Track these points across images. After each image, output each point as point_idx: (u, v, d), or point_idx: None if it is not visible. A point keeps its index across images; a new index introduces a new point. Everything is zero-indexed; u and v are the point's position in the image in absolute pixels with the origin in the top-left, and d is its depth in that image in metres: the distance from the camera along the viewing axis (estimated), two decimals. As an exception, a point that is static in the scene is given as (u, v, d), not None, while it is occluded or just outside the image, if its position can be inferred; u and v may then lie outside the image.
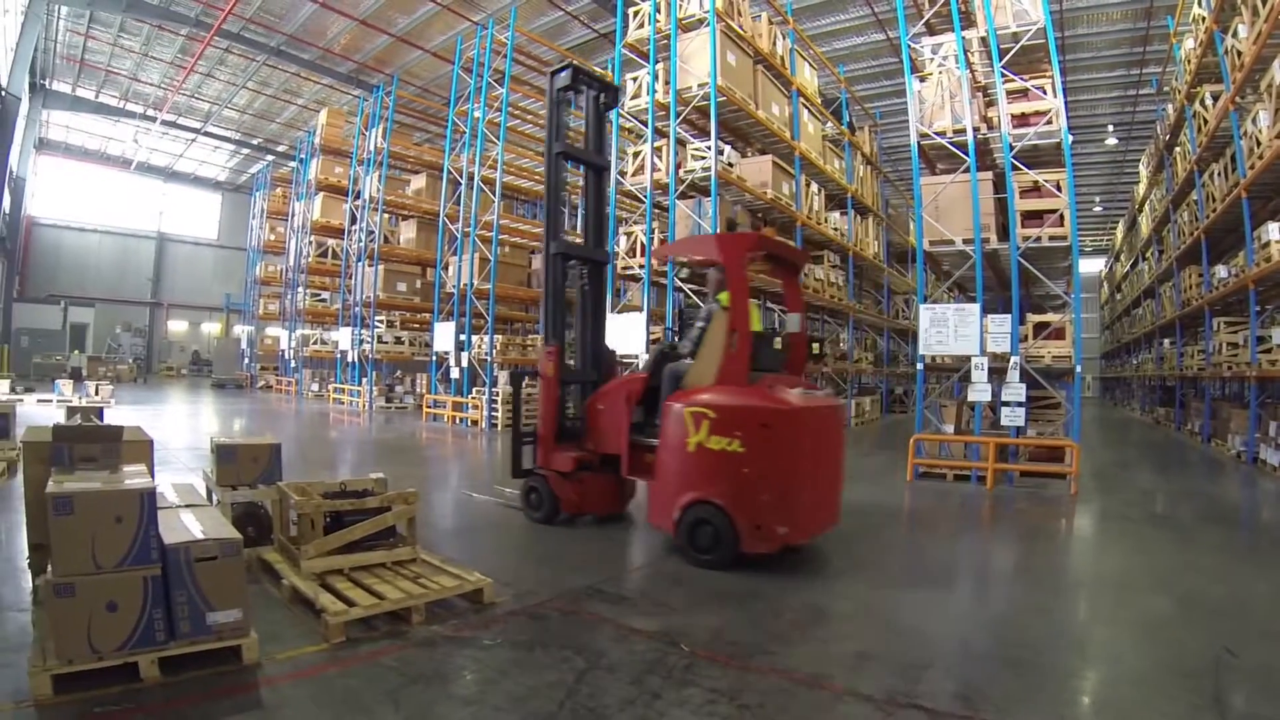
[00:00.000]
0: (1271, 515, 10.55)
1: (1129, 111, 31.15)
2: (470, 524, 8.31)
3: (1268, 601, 6.19)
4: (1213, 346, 17.28)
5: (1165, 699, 4.22)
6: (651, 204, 15.22)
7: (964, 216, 11.87)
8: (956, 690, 4.16)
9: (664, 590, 6.01)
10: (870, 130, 24.93)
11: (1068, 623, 5.62)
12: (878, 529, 8.69)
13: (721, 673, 4.28)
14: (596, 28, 24.02)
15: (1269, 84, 12.83)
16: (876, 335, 28.15)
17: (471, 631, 4.80)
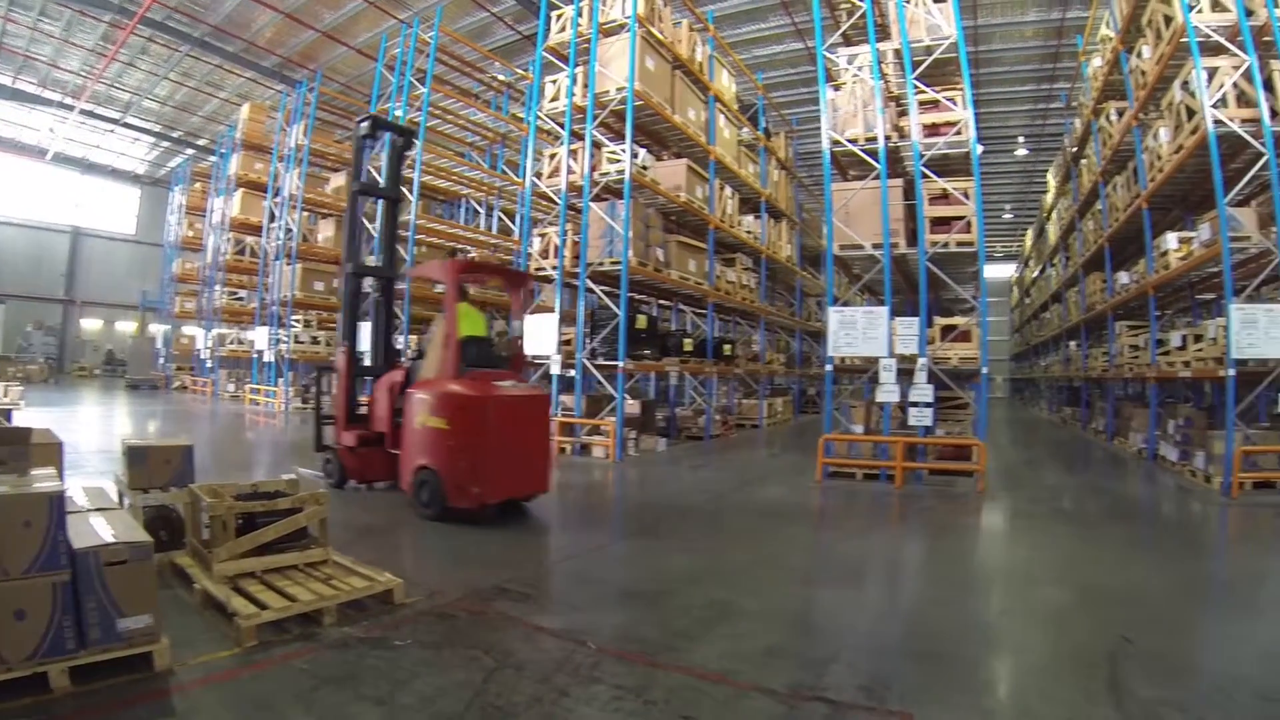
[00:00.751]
0: (1170, 509, 11.00)
1: (1039, 124, 32.31)
2: (382, 525, 8.23)
3: (1164, 591, 6.49)
4: (1115, 349, 18.06)
5: (1064, 686, 4.39)
6: (566, 206, 15.20)
7: (874, 222, 12.13)
8: (861, 683, 4.25)
9: (572, 589, 6.11)
10: (786, 136, 25.31)
11: (972, 615, 5.76)
12: (786, 528, 8.85)
13: (628, 670, 4.33)
14: (521, 30, 23.96)
15: (1169, 102, 13.46)
16: (789, 337, 28.47)
17: (382, 632, 4.79)
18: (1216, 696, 4.22)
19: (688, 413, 18.93)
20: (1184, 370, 13.69)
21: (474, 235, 24.52)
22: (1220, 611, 6.19)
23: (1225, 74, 11.86)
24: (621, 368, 13.90)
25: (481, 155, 26.41)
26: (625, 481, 12.09)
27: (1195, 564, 7.78)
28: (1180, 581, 6.90)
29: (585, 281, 14.48)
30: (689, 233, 17.63)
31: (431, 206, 26.39)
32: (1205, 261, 13.26)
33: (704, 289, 17.22)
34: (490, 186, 25.12)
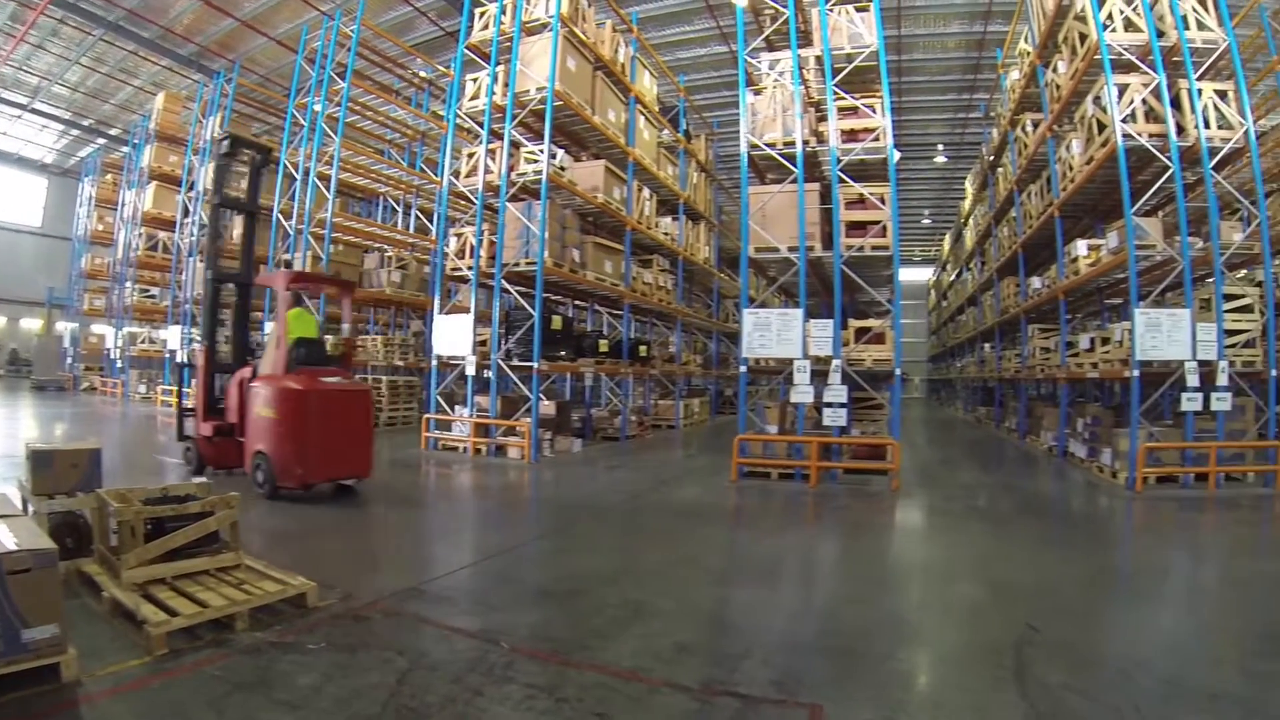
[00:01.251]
0: (1078, 504, 11.31)
1: (958, 133, 33.08)
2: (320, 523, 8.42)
3: (1070, 583, 6.65)
4: (1028, 351, 18.55)
5: (972, 675, 4.53)
6: (483, 206, 14.99)
7: (790, 225, 12.21)
8: (773, 677, 4.31)
9: (487, 589, 6.10)
10: (707, 139, 25.41)
11: (884, 611, 5.83)
12: (701, 528, 8.86)
13: (541, 669, 4.34)
14: (444, 26, 23.63)
15: (1082, 115, 13.96)
16: (706, 338, 28.60)
17: (296, 636, 4.72)
18: (1118, 681, 4.35)
19: (604, 414, 18.91)
20: (1092, 371, 14.14)
21: (391, 234, 24.12)
22: (1124, 601, 6.38)
23: (1135, 91, 12.38)
24: (536, 369, 13.76)
25: (401, 153, 26.01)
26: (540, 483, 12.00)
27: (1101, 556, 8.02)
28: (1086, 573, 7.07)
29: (501, 282, 14.33)
30: (606, 234, 17.55)
31: (350, 204, 25.89)
32: (1113, 268, 13.69)
33: (620, 290, 17.16)
34: (408, 185, 24.76)
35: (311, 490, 9.30)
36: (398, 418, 19.94)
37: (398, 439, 16.91)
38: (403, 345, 23.56)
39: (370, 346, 22.45)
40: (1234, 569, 7.74)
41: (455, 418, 14.90)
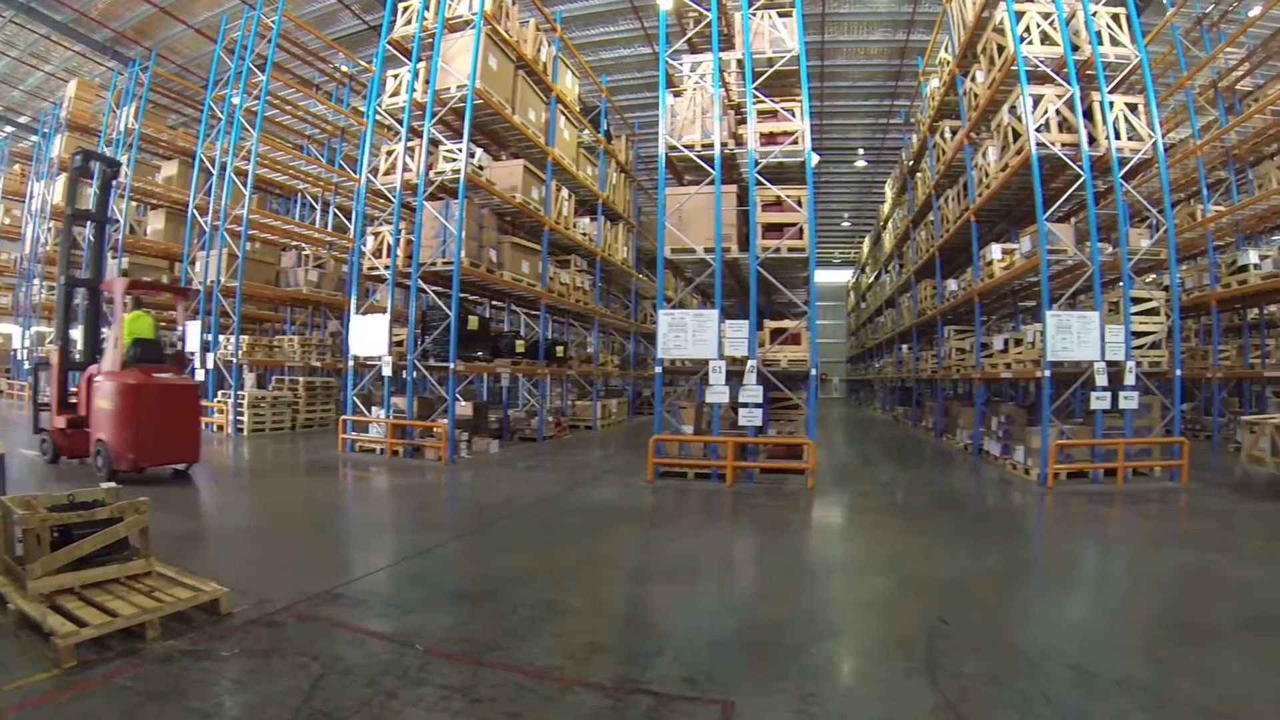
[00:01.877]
0: (992, 500, 11.54)
1: (879, 138, 33.76)
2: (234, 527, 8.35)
3: (982, 575, 6.81)
4: (944, 352, 18.90)
5: (883, 667, 4.62)
6: (400, 204, 14.74)
7: (707, 226, 12.22)
8: (685, 674, 4.33)
9: (402, 591, 6.06)
10: (627, 139, 25.39)
11: (797, 607, 5.87)
12: (616, 528, 8.87)
13: (455, 670, 4.32)
14: (367, 20, 23.26)
15: (998, 124, 14.25)
16: (624, 339, 28.58)
17: (208, 644, 4.62)
18: (1026, 668, 4.46)
19: (521, 414, 18.76)
20: (1006, 371, 14.43)
21: (308, 231, 23.66)
22: (1034, 592, 6.59)
23: (1050, 101, 12.73)
24: (452, 369, 13.57)
25: (320, 149, 25.44)
26: (457, 484, 11.87)
27: (1012, 550, 8.17)
28: (998, 566, 7.23)
29: (417, 282, 14.12)
30: (524, 234, 17.44)
31: (267, 201, 25.27)
32: (1026, 271, 13.99)
33: (537, 290, 17.03)
34: (327, 182, 24.32)
35: (144, 473, 10.30)
36: (315, 419, 19.58)
37: (315, 441, 16.66)
38: (320, 346, 23.02)
39: (286, 347, 21.92)
40: (1140, 559, 7.98)
41: (372, 419, 14.62)
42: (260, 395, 18.26)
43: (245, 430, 17.26)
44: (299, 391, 19.37)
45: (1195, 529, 9.12)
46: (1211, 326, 19.18)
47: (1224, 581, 6.64)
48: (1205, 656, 4.69)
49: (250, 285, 18.97)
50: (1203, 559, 7.52)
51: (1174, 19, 20.13)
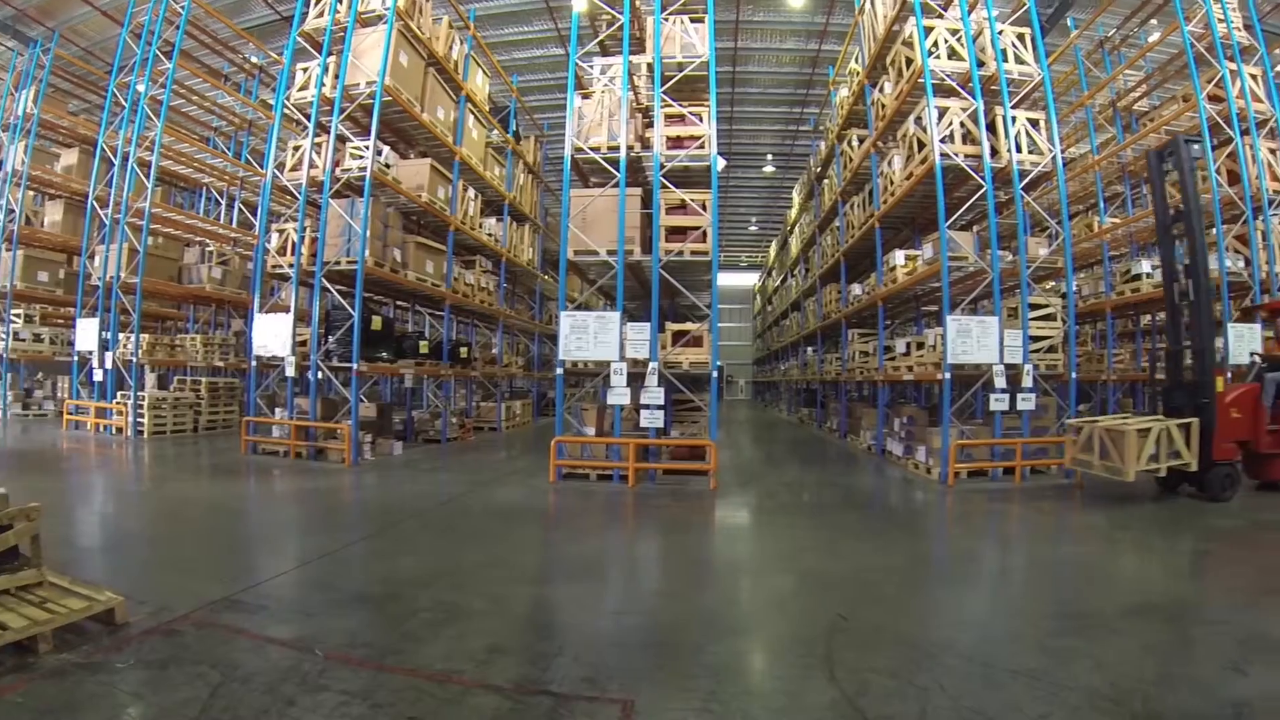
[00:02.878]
0: (894, 498, 11.77)
1: (788, 144, 34.35)
2: (132, 533, 8.24)
3: (883, 572, 6.94)
4: (848, 354, 19.28)
5: (783, 663, 4.73)
6: (306, 201, 14.47)
7: (610, 228, 12.25)
8: (585, 674, 4.36)
9: (302, 596, 5.97)
10: (537, 140, 25.26)
11: (699, 606, 5.92)
12: (518, 529, 8.85)
13: (355, 675, 4.29)
14: (280, 10, 22.64)
15: (904, 134, 14.60)
16: (529, 340, 28.49)
17: (104, 655, 4.48)
18: (924, 661, 4.58)
19: (426, 416, 18.56)
20: (908, 374, 14.79)
21: (213, 227, 22.96)
22: (932, 587, 6.74)
23: (955, 114, 13.13)
24: (356, 370, 13.38)
25: (226, 142, 24.75)
26: (360, 486, 11.71)
27: (912, 546, 8.35)
28: (897, 563, 7.38)
29: (321, 281, 13.85)
30: (429, 233, 17.30)
31: (171, 194, 24.47)
32: (928, 277, 14.34)
33: (442, 291, 16.86)
34: (233, 176, 23.59)
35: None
36: (218, 421, 19.07)
37: (218, 443, 16.25)
38: (223, 345, 22.46)
39: (189, 346, 21.29)
40: (1034, 554, 8.27)
41: (275, 420, 14.30)
42: (161, 396, 17.73)
43: (146, 433, 16.74)
44: (201, 392, 18.83)
45: (1086, 523, 9.44)
46: (1106, 331, 19.94)
47: (1111, 573, 7.02)
48: (1095, 645, 4.88)
49: (151, 282, 18.36)
50: (1092, 552, 7.94)
51: (1077, 41, 20.98)
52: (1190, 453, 10.09)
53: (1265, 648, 4.84)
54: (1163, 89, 20.31)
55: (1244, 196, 14.87)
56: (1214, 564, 7.72)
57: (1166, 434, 10.01)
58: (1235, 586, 6.55)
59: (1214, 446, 10.27)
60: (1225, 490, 10.28)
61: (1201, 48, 15.44)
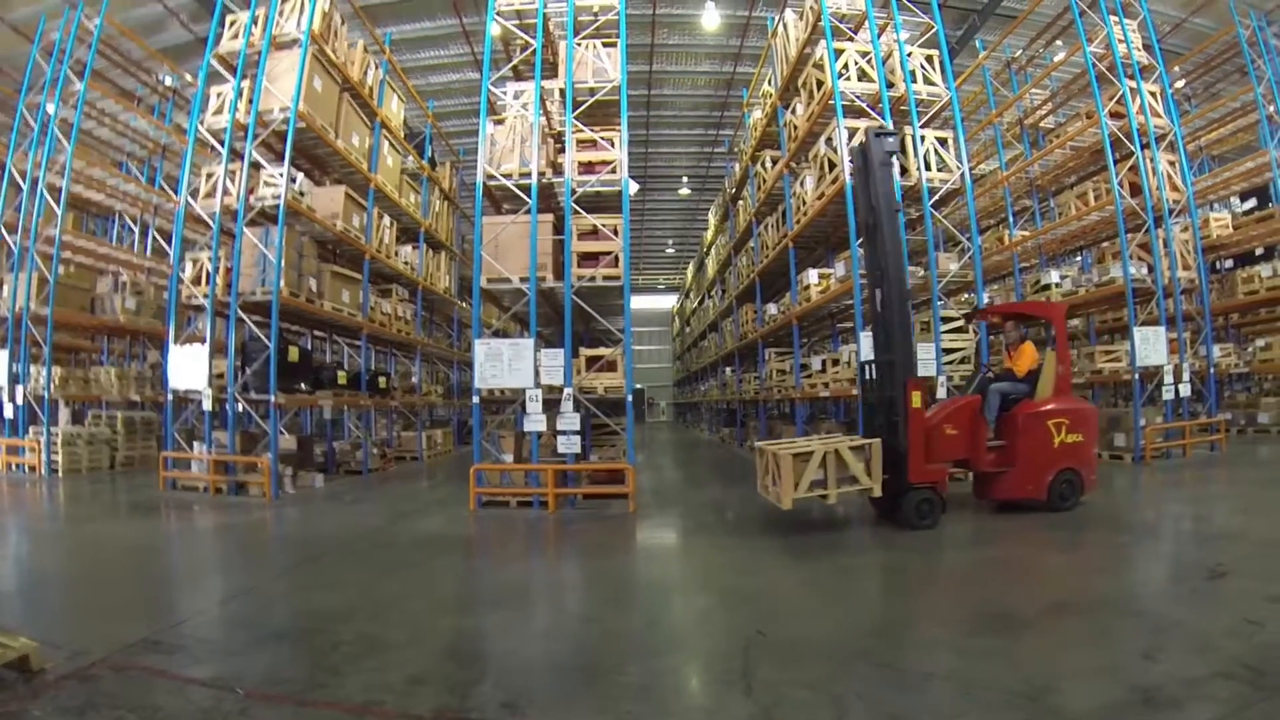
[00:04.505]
0: (815, 515, 11.38)
1: (704, 166, 34.90)
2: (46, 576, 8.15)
3: (798, 587, 7.08)
4: (765, 373, 19.65)
5: (701, 681, 4.87)
6: (219, 230, 14.23)
7: (523, 255, 12.29)
8: (505, 699, 4.39)
9: (222, 634, 5.91)
10: (452, 166, 25.24)
11: (618, 628, 5.99)
12: (439, 558, 8.86)
13: (275, 712, 4.26)
14: (195, 30, 22.15)
15: (815, 155, 14.96)
16: (448, 368, 28.38)
17: (18, 704, 4.36)
18: (839, 671, 4.73)
19: (347, 447, 18.41)
20: (824, 390, 15.14)
21: (126, 256, 22.50)
22: (849, 597, 6.85)
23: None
24: (273, 402, 13.26)
25: (140, 167, 24.12)
26: (281, 520, 11.58)
27: (831, 560, 8.27)
28: (816, 577, 7.49)
29: (237, 311, 13.65)
30: (345, 262, 17.15)
31: (84, 220, 23.86)
32: (841, 295, 14.71)
33: (358, 321, 16.72)
34: (146, 203, 23.04)
35: None
36: (135, 456, 18.62)
37: (136, 480, 15.90)
38: (139, 378, 21.92)
39: (104, 379, 20.75)
40: (951, 559, 8.36)
41: (193, 455, 14.06)
42: (75, 432, 17.28)
43: (60, 470, 16.33)
44: (118, 427, 18.43)
45: (1003, 527, 9.57)
46: (1018, 341, 20.52)
47: (1025, 573, 7.32)
48: (1009, 644, 5.11)
49: (63, 312, 17.79)
50: (1006, 554, 8.20)
51: (985, 61, 21.67)
52: (871, 477, 9.18)
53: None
54: (1067, 106, 21.15)
55: (1145, 207, 15.41)
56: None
57: (835, 457, 9.06)
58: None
59: (910, 468, 9.27)
60: (922, 518, 9.18)
61: (1103, 67, 16.04)
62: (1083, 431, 9.86)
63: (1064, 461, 9.74)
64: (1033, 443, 9.69)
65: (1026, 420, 9.77)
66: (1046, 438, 9.69)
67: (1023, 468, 9.76)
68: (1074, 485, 9.84)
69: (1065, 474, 9.75)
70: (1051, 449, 9.71)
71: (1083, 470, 9.88)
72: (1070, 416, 9.82)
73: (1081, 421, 9.89)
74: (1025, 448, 9.73)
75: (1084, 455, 9.93)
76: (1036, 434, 9.70)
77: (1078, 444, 9.81)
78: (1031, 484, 9.75)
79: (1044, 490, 9.69)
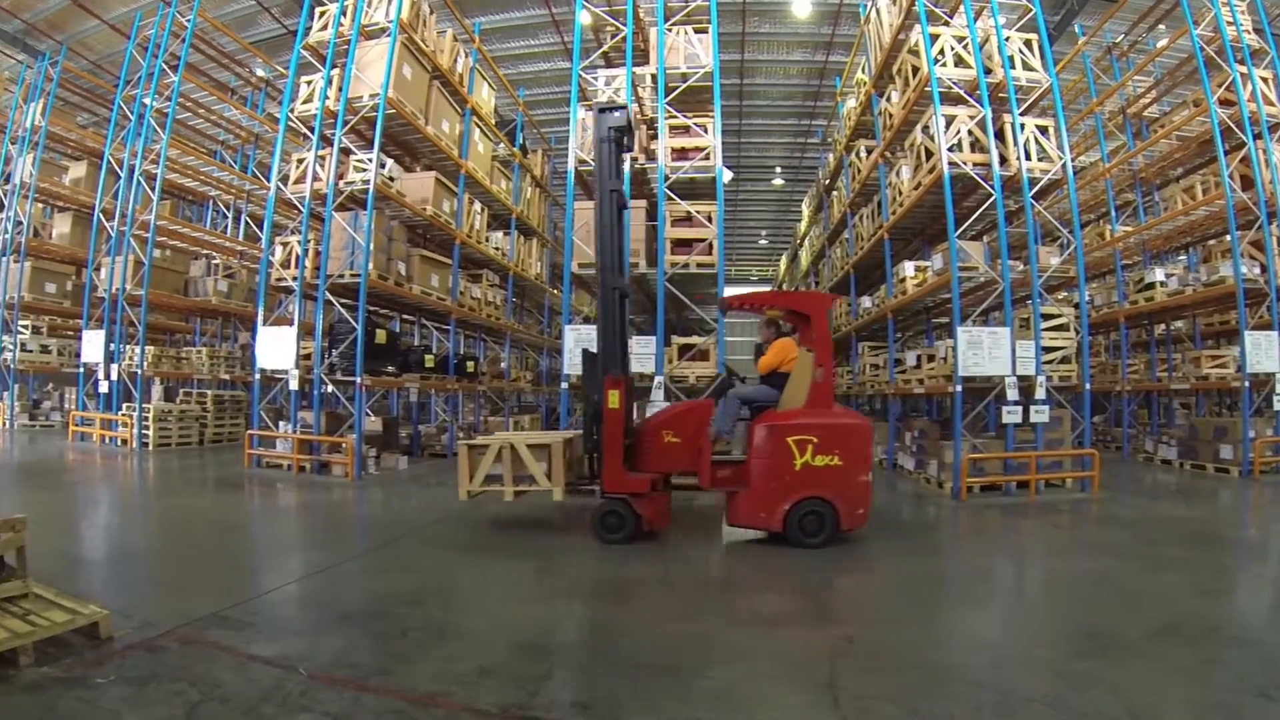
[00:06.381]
0: (905, 514, 11.40)
1: (797, 156, 34.29)
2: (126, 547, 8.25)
3: (889, 591, 6.84)
4: (859, 368, 19.11)
5: (783, 689, 4.48)
6: (309, 214, 14.36)
7: (615, 242, 12.08)
8: (574, 698, 4.26)
9: (292, 613, 5.90)
10: (544, 154, 25.22)
11: (700, 629, 5.65)
12: (517, 543, 8.49)
13: (337, 695, 4.15)
14: (287, 23, 22.69)
15: (911, 143, 14.42)
16: (537, 354, 28.37)
17: (84, 670, 4.38)
18: (930, 686, 4.40)
19: (432, 430, 18.47)
20: (919, 387, 14.58)
21: (219, 240, 23.06)
22: (942, 607, 6.47)
23: (962, 122, 12.94)
24: (359, 383, 13.27)
25: (233, 155, 24.74)
26: (361, 501, 11.59)
27: (923, 563, 8.02)
28: (907, 581, 7.15)
29: (325, 294, 13.75)
30: (435, 247, 17.16)
31: (180, 207, 24.50)
32: (938, 288, 14.17)
33: (447, 305, 16.74)
34: (239, 189, 23.58)
35: None
36: (224, 434, 18.99)
37: (224, 456, 16.16)
38: (229, 358, 22.52)
39: (195, 359, 21.30)
40: (1051, 571, 7.99)
41: (278, 434, 14.21)
42: (167, 409, 17.66)
43: (150, 445, 16.67)
44: (207, 405, 18.81)
45: (1104, 538, 9.21)
46: (1120, 341, 19.69)
47: (1133, 590, 6.70)
48: (1113, 669, 4.66)
49: (157, 294, 18.34)
50: (1112, 568, 7.57)
51: (1085, 47, 20.79)
52: (552, 479, 8.57)
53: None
54: (1173, 94, 20.08)
55: (1258, 201, 14.60)
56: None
57: (510, 452, 8.60)
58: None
59: (604, 476, 8.30)
60: (610, 531, 8.20)
61: (1211, 51, 15.19)
62: (841, 453, 8.01)
63: (807, 489, 7.97)
64: (765, 462, 8.08)
65: (759, 434, 8.17)
66: (785, 458, 7.97)
67: (756, 491, 8.13)
68: (823, 519, 8.00)
69: (810, 504, 7.98)
70: (791, 472, 7.96)
71: (837, 502, 8.00)
72: (821, 434, 7.99)
73: (839, 441, 8.06)
74: (757, 467, 8.13)
75: (841, 483, 8.04)
76: (772, 452, 8.05)
77: (831, 468, 7.97)
78: (764, 511, 8.07)
79: (778, 521, 7.99)
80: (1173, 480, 14.40)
